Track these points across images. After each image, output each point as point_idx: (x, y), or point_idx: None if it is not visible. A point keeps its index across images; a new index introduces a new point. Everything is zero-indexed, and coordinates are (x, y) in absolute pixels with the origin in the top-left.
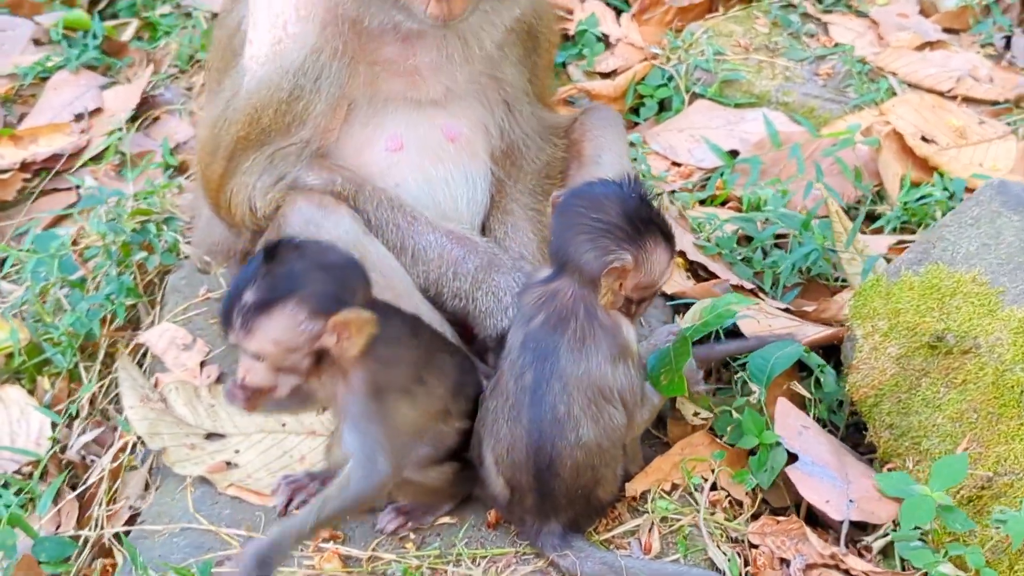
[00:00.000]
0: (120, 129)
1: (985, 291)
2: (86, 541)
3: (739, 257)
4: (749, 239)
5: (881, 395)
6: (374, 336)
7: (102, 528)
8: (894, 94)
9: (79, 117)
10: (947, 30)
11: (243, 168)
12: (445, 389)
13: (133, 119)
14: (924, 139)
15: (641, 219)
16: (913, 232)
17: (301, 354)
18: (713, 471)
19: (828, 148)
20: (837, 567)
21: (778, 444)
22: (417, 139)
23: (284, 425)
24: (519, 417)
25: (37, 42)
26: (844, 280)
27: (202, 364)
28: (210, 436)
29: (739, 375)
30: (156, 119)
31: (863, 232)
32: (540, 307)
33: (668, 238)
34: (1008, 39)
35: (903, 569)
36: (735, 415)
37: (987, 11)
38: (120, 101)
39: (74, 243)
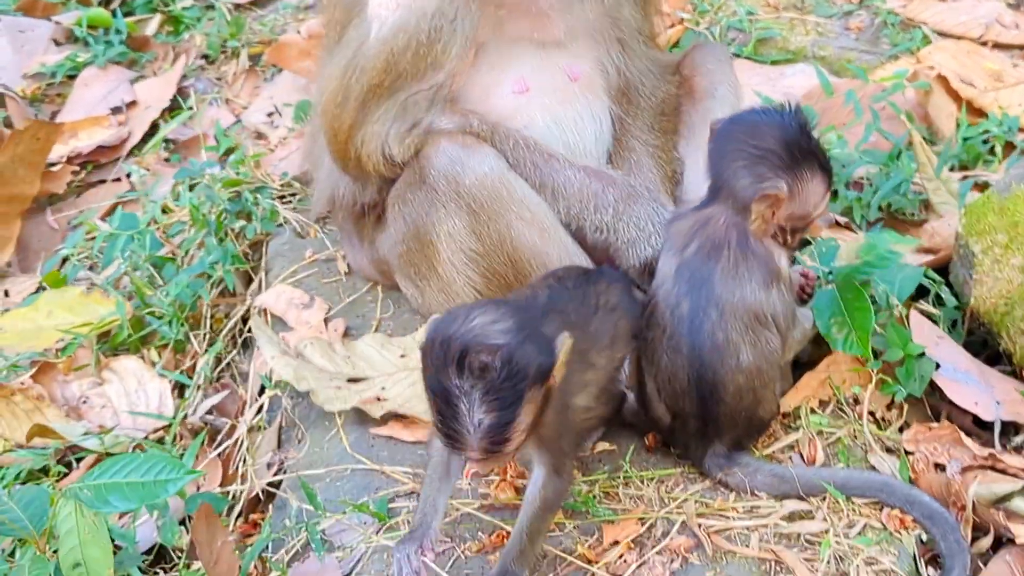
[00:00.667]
0: (190, 109)
1: None
2: (235, 496)
3: None
4: None
5: (1012, 303)
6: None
7: (251, 482)
8: (928, 42)
9: (115, 111)
10: None
11: (374, 117)
12: (610, 352)
13: (169, 110)
14: (963, 83)
15: (799, 148)
16: (967, 169)
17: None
18: (865, 385)
19: (877, 94)
20: (993, 467)
21: (923, 355)
22: (542, 80)
23: None
24: (678, 347)
25: (56, 42)
26: (915, 214)
27: (326, 321)
28: (352, 381)
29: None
30: (191, 109)
31: None
32: (693, 235)
33: (826, 169)
34: None
35: None
36: (879, 331)
37: None
38: (153, 93)
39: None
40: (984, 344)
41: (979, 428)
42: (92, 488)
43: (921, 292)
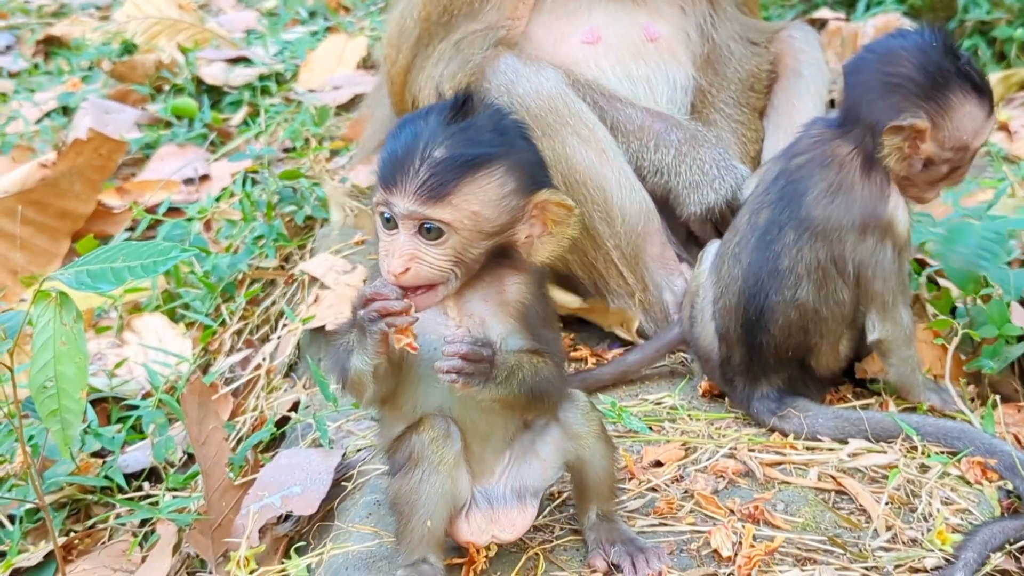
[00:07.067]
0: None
1: None
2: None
3: None
4: None
5: None
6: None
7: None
8: None
9: (188, 182)
10: None
11: (430, 60)
12: None
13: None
14: None
15: (942, 71)
16: None
17: (489, 240)
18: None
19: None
20: None
21: (1020, 339)
22: (615, 34)
23: None
24: (739, 256)
25: (139, 127)
26: None
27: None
28: None
29: None
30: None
31: None
32: (810, 147)
33: (980, 91)
34: None
35: None
36: (981, 304)
37: None
38: (229, 169)
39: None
40: None
41: None
42: (75, 275)
43: None
